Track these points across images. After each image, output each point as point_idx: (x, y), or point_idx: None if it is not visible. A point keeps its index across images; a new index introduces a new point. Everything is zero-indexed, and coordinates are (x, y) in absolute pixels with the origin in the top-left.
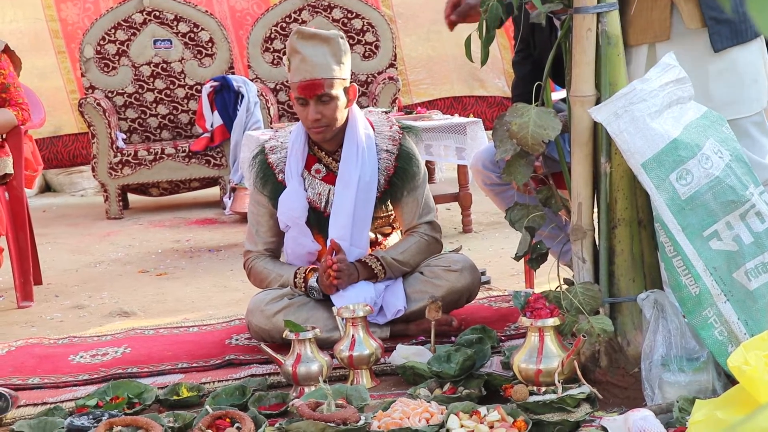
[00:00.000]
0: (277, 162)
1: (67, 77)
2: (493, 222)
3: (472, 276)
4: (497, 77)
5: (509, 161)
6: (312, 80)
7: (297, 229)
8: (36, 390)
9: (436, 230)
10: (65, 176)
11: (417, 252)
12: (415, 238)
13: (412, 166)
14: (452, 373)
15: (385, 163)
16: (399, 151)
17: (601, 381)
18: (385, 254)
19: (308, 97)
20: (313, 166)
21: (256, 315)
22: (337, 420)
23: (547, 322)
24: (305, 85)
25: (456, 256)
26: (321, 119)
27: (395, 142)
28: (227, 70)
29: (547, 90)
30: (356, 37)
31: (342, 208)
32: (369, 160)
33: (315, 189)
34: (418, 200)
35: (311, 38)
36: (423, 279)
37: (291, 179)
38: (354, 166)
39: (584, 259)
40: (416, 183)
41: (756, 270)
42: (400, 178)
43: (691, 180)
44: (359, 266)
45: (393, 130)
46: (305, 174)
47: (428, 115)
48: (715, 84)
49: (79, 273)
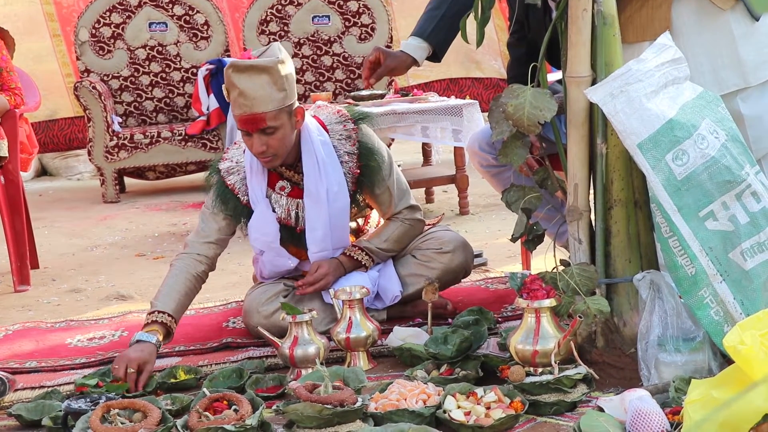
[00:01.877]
0: (238, 184)
1: (62, 60)
2: (489, 204)
3: (465, 254)
4: (493, 59)
5: (505, 143)
6: (252, 115)
7: (273, 253)
8: (33, 373)
9: (416, 211)
10: (61, 160)
11: (400, 236)
12: (396, 224)
13: (376, 161)
14: (449, 355)
15: (348, 166)
16: (359, 149)
17: (598, 361)
18: (369, 244)
19: (251, 131)
20: (277, 184)
21: (254, 316)
22: (334, 402)
23: (543, 303)
24: (246, 119)
25: (446, 235)
26: (267, 150)
27: (353, 141)
28: (223, 53)
29: (542, 71)
30: (352, 19)
31: (316, 224)
32: (332, 170)
33: (282, 206)
34: (391, 189)
35: (247, 70)
36: (416, 262)
37: (257, 203)
38: (318, 180)
39: (580, 240)
40: (383, 174)
41: (752, 250)
42: (367, 176)
43: (687, 160)
44: (344, 259)
45: (347, 128)
46: (269, 193)
47: (425, 97)
48: (745, 51)
49: (75, 257)
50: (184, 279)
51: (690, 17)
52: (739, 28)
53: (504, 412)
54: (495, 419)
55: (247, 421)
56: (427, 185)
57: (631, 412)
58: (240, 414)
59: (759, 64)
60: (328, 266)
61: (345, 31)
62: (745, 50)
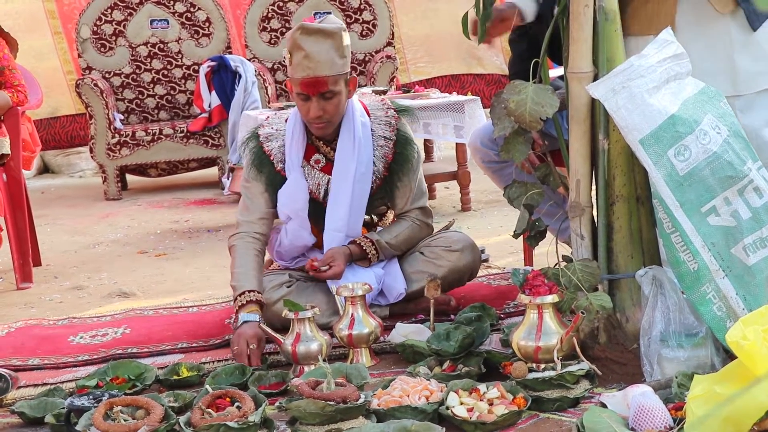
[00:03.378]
0: (275, 151)
1: (63, 58)
2: (491, 200)
3: (473, 255)
4: (495, 55)
5: (507, 139)
6: (316, 78)
7: (298, 222)
8: (36, 371)
9: (428, 215)
10: (63, 157)
11: (409, 237)
12: (407, 223)
13: (410, 151)
14: (452, 351)
15: (383, 150)
16: (396, 136)
17: (600, 357)
18: (380, 237)
19: (311, 94)
20: (312, 156)
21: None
22: (336, 398)
23: (545, 299)
24: (309, 82)
25: (455, 235)
26: (323, 115)
27: (392, 128)
28: (224, 50)
29: (544, 67)
30: (353, 15)
31: (339, 200)
32: (365, 150)
33: (314, 180)
34: (412, 185)
35: (315, 33)
36: (424, 259)
37: (292, 171)
38: (350, 157)
39: (583, 236)
40: (412, 167)
41: (754, 245)
42: (399, 163)
43: (689, 156)
44: (352, 248)
45: (389, 115)
46: (304, 164)
47: (426, 94)
48: (741, 58)
49: (78, 254)
50: (253, 257)
51: (691, 16)
52: (738, 35)
53: (507, 409)
54: (498, 415)
55: (249, 417)
56: (429, 182)
57: (634, 408)
58: (243, 411)
59: (753, 74)
60: (337, 253)
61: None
62: (740, 58)
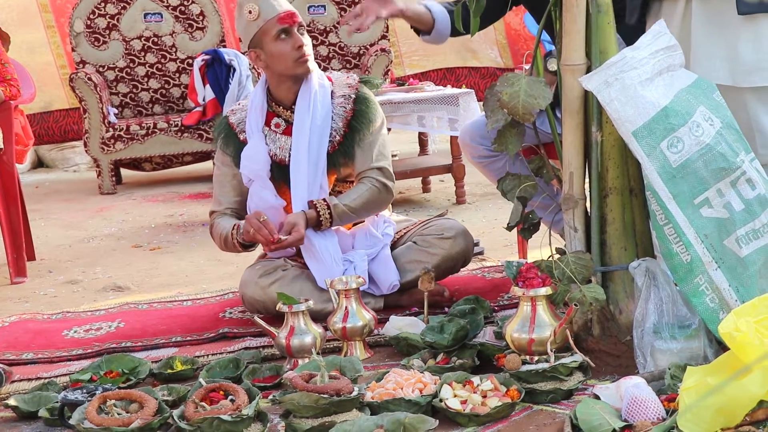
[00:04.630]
0: (238, 122)
1: (56, 52)
2: (486, 193)
3: (466, 241)
4: (490, 48)
5: (501, 131)
6: (289, 10)
7: (259, 182)
8: (30, 365)
9: (388, 177)
10: (57, 152)
11: (368, 200)
12: (366, 186)
13: (371, 110)
14: (445, 344)
15: (342, 108)
16: (356, 95)
17: (594, 349)
18: (338, 201)
19: (291, 25)
20: (272, 120)
21: (251, 287)
22: (330, 391)
23: (539, 291)
24: (286, 15)
25: (447, 222)
26: (305, 46)
27: (352, 87)
28: (218, 44)
29: (537, 59)
30: (348, 8)
31: (298, 154)
32: (322, 104)
33: (276, 143)
34: (373, 145)
35: None
36: (417, 248)
37: (252, 135)
38: (306, 111)
39: (576, 228)
40: (374, 127)
41: (747, 237)
42: (359, 120)
43: (682, 148)
44: (309, 212)
45: (350, 80)
46: (265, 130)
47: (420, 87)
48: (745, 48)
49: (72, 248)
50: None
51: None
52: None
53: (500, 401)
54: (491, 408)
55: (243, 411)
56: (424, 175)
57: (627, 400)
58: (236, 404)
59: (755, 68)
60: (296, 217)
61: (341, 20)
62: (745, 49)
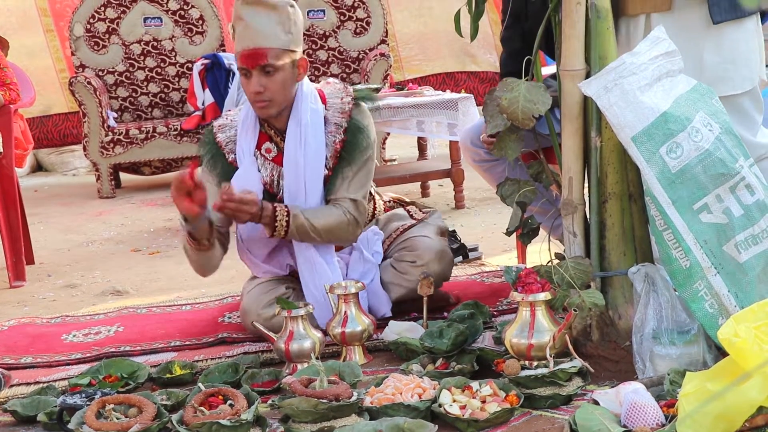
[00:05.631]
0: (226, 141)
1: (56, 56)
2: (485, 198)
3: (441, 265)
4: (489, 52)
5: (500, 136)
6: (255, 49)
7: None
8: (29, 369)
9: (360, 212)
10: (57, 156)
11: (334, 227)
12: (338, 212)
13: (361, 140)
14: (444, 349)
15: (333, 138)
16: (348, 124)
17: (593, 355)
18: (301, 214)
19: (250, 68)
20: (264, 145)
21: (253, 317)
22: (329, 396)
23: (538, 296)
24: (247, 54)
25: (422, 245)
26: (263, 92)
27: (345, 114)
28: (218, 48)
29: (537, 64)
30: (347, 13)
31: (293, 190)
32: (314, 137)
33: (267, 170)
34: (355, 176)
35: (256, 4)
36: (394, 272)
37: (243, 159)
38: (298, 145)
39: (575, 234)
40: (362, 159)
41: (746, 242)
42: (348, 151)
43: (681, 153)
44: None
45: (344, 101)
46: (256, 153)
47: (420, 91)
48: (709, 58)
49: (71, 252)
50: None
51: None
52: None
53: (499, 406)
54: (490, 413)
55: (242, 415)
56: (423, 179)
57: (626, 405)
58: (235, 409)
59: (719, 78)
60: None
61: (340, 25)
62: (710, 60)
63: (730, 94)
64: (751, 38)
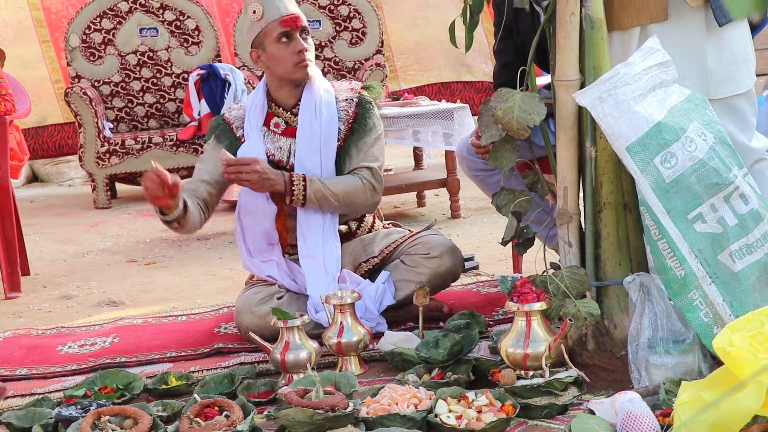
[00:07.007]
0: (235, 119)
1: (51, 67)
2: (481, 207)
3: (453, 258)
4: (484, 62)
5: (495, 146)
6: (295, 13)
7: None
8: (24, 381)
9: (377, 179)
10: (52, 166)
11: (351, 190)
12: (354, 178)
13: (373, 114)
14: (440, 359)
15: (344, 111)
16: (358, 98)
17: (588, 364)
18: (317, 179)
19: (294, 29)
20: (271, 120)
21: (247, 315)
22: (325, 407)
23: (533, 306)
24: (289, 18)
25: (434, 239)
26: (308, 51)
27: (354, 91)
28: (214, 58)
29: (531, 75)
30: (343, 23)
31: (306, 161)
32: (327, 107)
33: (275, 143)
34: (369, 147)
35: None
36: (405, 268)
37: (250, 134)
38: (313, 117)
39: (570, 243)
40: (375, 131)
41: (740, 252)
42: (360, 123)
43: (675, 163)
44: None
45: (353, 85)
46: (264, 130)
47: (415, 101)
48: (714, 61)
49: (67, 263)
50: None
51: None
52: (711, 42)
53: (495, 416)
54: (486, 423)
55: (238, 426)
56: (419, 189)
57: (622, 415)
58: (231, 420)
59: (725, 80)
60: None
61: (336, 35)
62: (715, 63)
63: (736, 93)
64: (747, 38)
